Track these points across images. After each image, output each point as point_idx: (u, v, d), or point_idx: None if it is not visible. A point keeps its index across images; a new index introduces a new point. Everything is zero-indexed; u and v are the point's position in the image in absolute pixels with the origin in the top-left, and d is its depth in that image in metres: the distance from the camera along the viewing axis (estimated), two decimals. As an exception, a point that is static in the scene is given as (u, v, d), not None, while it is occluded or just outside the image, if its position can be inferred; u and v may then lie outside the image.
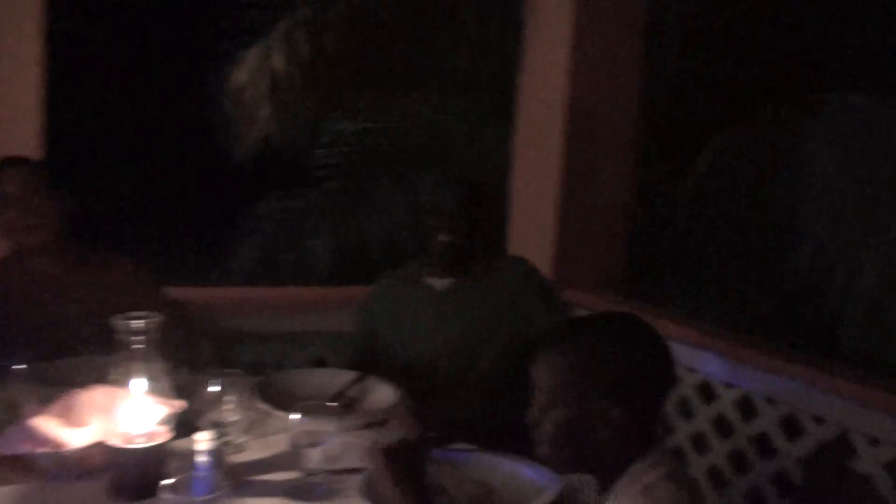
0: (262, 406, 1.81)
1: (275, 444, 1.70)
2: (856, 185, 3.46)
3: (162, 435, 1.47)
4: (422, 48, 4.94)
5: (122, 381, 1.46)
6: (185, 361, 2.08)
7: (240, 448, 1.69)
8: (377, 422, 1.83)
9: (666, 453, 1.33)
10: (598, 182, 3.24)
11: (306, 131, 5.14)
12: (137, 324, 1.43)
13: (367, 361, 2.29)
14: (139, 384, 1.46)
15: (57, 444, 1.47)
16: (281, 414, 1.74)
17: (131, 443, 1.44)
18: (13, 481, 1.47)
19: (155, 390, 1.48)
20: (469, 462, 1.56)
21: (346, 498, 1.46)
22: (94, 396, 1.54)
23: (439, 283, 2.30)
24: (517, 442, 1.59)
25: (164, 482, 1.19)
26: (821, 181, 3.60)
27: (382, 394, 1.98)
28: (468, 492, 1.47)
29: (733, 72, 4.68)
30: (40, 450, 1.46)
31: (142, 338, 1.44)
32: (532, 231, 3.37)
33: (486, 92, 4.87)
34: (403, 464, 1.37)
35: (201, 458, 1.47)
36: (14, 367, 1.72)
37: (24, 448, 1.46)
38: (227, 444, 1.67)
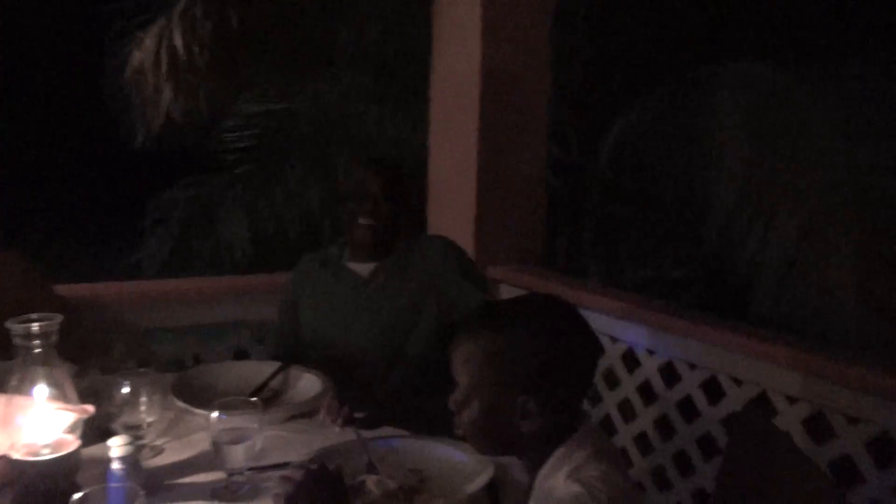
0: (180, 404, 1.72)
1: (195, 444, 1.62)
2: (760, 152, 3.56)
3: (70, 444, 1.38)
4: (330, 26, 4.82)
5: (22, 389, 1.35)
6: (92, 362, 1.98)
7: (158, 450, 1.61)
8: (302, 413, 1.78)
9: (591, 430, 1.31)
10: (514, 158, 3.24)
11: (213, 114, 4.95)
12: (35, 327, 1.32)
13: (293, 351, 2.23)
14: (41, 390, 1.35)
15: (-48, 462, 1.35)
16: (200, 412, 1.66)
17: (37, 455, 1.34)
18: None
19: (59, 396, 1.38)
20: (402, 449, 1.51)
21: (273, 497, 1.40)
22: (-7, 407, 1.42)
23: (362, 268, 2.24)
24: (449, 424, 1.57)
25: (76, 495, 1.10)
26: (727, 150, 3.69)
27: (307, 384, 1.92)
28: (403, 480, 1.43)
29: (642, 46, 4.75)
30: (-67, 469, 1.34)
31: (40, 341, 1.33)
32: (452, 209, 3.35)
33: (397, 70, 4.79)
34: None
35: (115, 466, 1.39)
36: None
37: (-85, 468, 1.34)
38: (143, 447, 1.58)
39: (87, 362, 2.34)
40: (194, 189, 5.46)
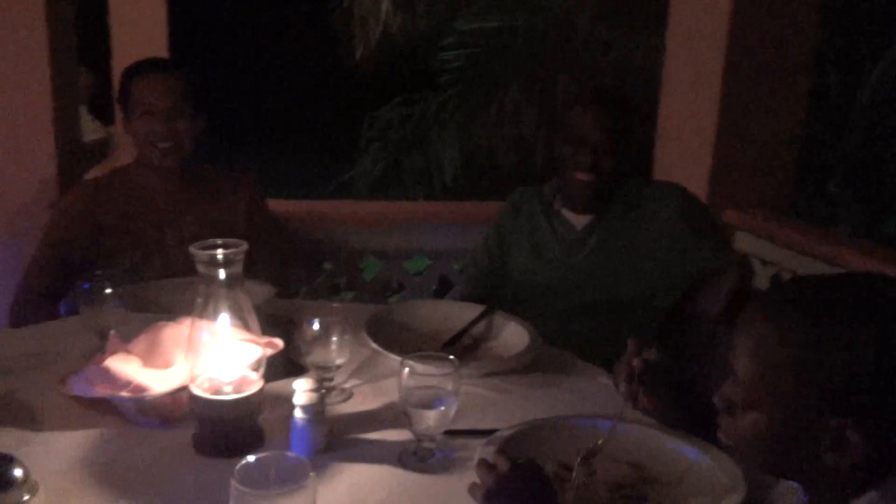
0: (373, 346, 1.57)
1: (386, 391, 1.45)
2: None
3: (254, 383, 1.26)
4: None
5: (205, 317, 1.24)
6: (281, 285, 1.89)
7: (347, 395, 1.46)
8: (505, 370, 1.56)
9: None
10: (765, 91, 2.78)
11: (431, 30, 4.77)
12: (219, 254, 1.19)
13: (491, 292, 2.03)
14: (225, 322, 1.23)
15: (138, 389, 1.28)
16: (393, 357, 1.49)
17: (219, 393, 1.23)
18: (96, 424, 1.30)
19: (243, 327, 1.25)
20: (625, 435, 1.22)
21: (467, 469, 1.20)
22: (179, 332, 1.34)
23: (578, 219, 1.98)
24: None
25: (242, 462, 0.94)
26: None
27: (512, 335, 1.69)
28: (617, 476, 1.17)
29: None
30: (121, 394, 1.27)
31: (224, 269, 1.20)
32: (685, 145, 2.96)
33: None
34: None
35: (298, 414, 1.25)
36: (106, 290, 1.56)
37: (103, 391, 1.28)
38: (332, 389, 1.45)
39: (293, 283, 2.30)
40: (409, 108, 5.38)
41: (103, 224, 2.10)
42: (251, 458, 0.92)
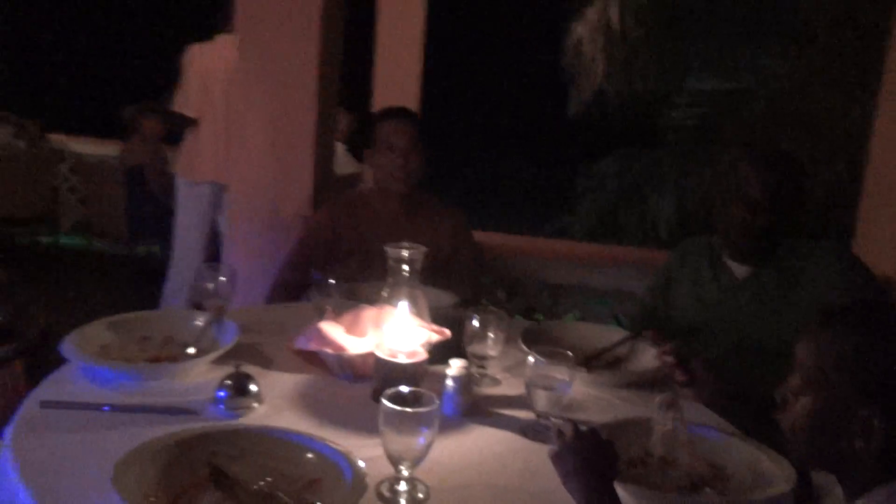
0: (522, 348, 1.90)
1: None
2: None
3: (420, 355, 1.64)
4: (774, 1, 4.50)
5: (390, 302, 1.65)
6: (472, 300, 2.27)
7: (496, 382, 1.81)
8: (637, 384, 1.81)
9: None
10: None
11: (650, 90, 5.01)
12: (405, 253, 1.60)
13: (650, 323, 2.25)
14: (403, 306, 1.63)
15: (339, 347, 1.72)
16: (530, 352, 1.80)
17: (393, 357, 1.63)
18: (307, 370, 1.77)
19: (416, 314, 1.64)
20: (706, 440, 1.46)
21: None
22: (376, 313, 1.77)
23: (739, 269, 2.16)
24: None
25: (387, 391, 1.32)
26: None
27: (649, 357, 1.94)
28: (698, 472, 1.40)
29: None
30: (326, 349, 1.73)
31: (407, 266, 1.61)
32: (887, 214, 2.98)
33: (850, 56, 4.27)
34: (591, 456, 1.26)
35: (448, 383, 1.62)
36: (331, 281, 2.04)
37: (314, 346, 1.74)
38: (484, 376, 1.80)
39: (474, 298, 2.68)
40: (628, 161, 5.63)
41: (341, 235, 2.63)
42: (402, 388, 1.30)
